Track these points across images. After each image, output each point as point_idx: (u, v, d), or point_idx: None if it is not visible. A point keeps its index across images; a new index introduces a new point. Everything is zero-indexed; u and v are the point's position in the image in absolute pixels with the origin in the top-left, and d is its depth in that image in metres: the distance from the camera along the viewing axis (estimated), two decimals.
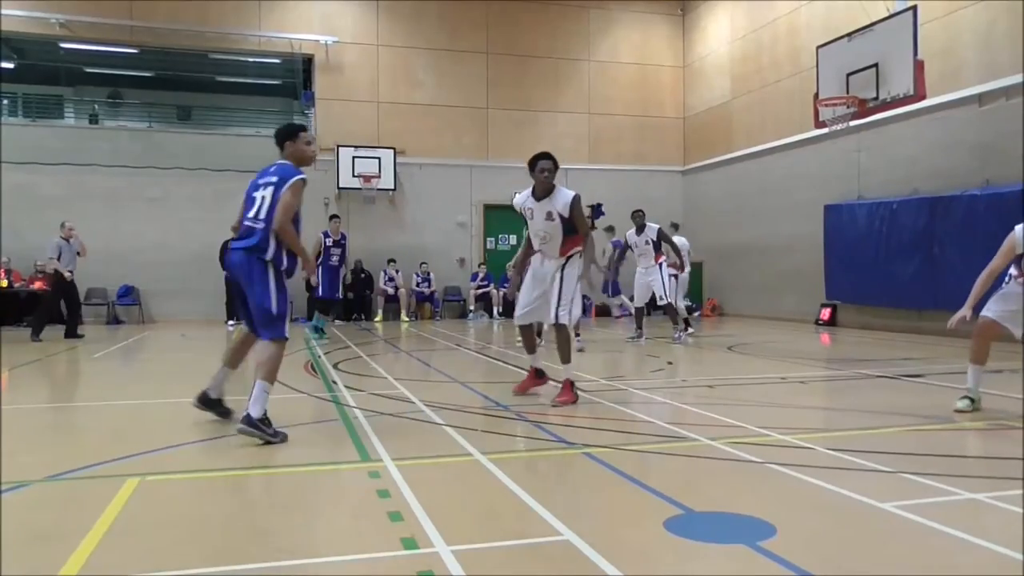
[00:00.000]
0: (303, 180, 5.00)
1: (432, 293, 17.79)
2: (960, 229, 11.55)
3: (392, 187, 17.84)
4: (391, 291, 17.40)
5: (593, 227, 18.95)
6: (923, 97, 10.84)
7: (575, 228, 6.13)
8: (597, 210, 19.30)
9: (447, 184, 18.42)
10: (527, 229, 6.42)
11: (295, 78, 17.97)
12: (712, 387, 7.28)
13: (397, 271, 17.42)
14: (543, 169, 6.11)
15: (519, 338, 7.74)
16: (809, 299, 15.07)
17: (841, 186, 14.56)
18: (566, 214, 6.08)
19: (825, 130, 12.63)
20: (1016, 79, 11.16)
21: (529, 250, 6.56)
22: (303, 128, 5.30)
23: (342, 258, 12.36)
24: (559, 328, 6.14)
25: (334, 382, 7.43)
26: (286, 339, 4.98)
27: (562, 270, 6.18)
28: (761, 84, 17.18)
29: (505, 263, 18.88)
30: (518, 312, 6.48)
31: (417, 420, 5.56)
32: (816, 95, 12.17)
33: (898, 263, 12.79)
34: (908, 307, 12.81)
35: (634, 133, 19.95)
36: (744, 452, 4.47)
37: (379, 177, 17.58)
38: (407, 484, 3.82)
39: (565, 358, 6.18)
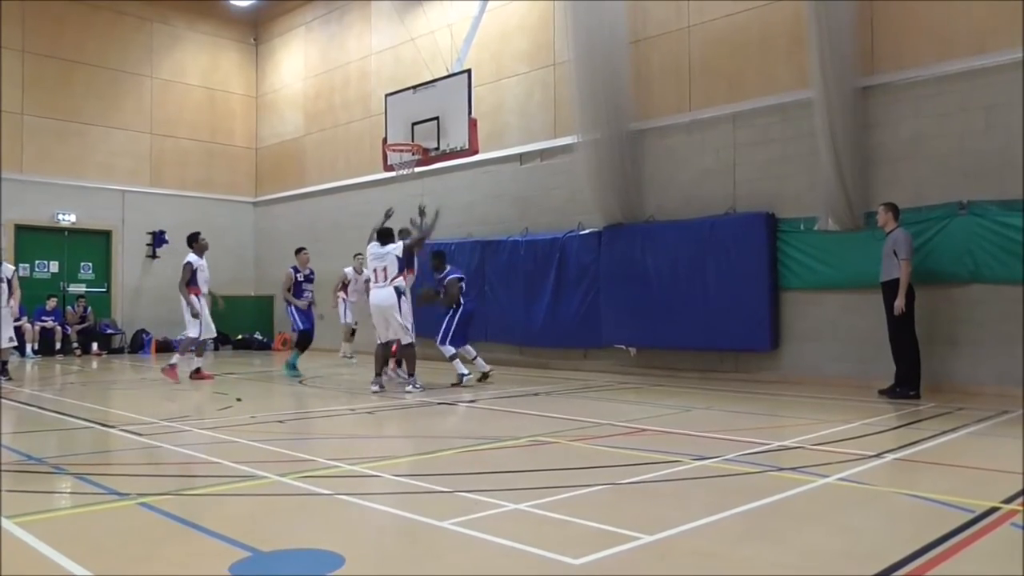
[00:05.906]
0: None
1: None
2: (505, 269, 13.09)
3: None
4: None
5: (155, 255, 17.80)
6: (476, 152, 12.08)
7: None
8: (159, 238, 18.02)
9: None
10: None
11: None
12: (283, 422, 7.14)
13: None
14: None
15: None
16: None
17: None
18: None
19: (394, 173, 13.38)
20: (548, 143, 13.15)
21: None
22: None
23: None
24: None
25: None
26: None
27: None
28: (334, 123, 17.63)
29: (45, 292, 16.40)
30: None
31: None
32: (385, 140, 12.84)
33: None
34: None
35: (201, 159, 18.99)
36: (314, 486, 4.43)
37: None
38: None
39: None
